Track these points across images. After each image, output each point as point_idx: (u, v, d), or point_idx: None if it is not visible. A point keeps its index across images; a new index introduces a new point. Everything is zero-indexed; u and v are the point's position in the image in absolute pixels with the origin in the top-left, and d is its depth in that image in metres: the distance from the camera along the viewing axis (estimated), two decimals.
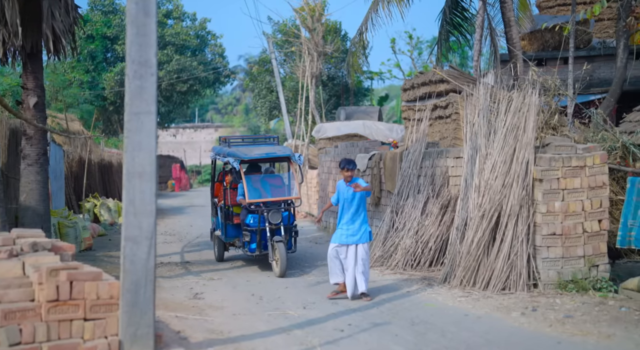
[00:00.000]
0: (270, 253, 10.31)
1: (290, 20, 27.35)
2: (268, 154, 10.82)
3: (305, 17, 20.99)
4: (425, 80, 15.74)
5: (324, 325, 7.24)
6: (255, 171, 11.30)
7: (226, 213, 11.38)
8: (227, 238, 11.36)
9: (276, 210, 10.44)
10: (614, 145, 10.51)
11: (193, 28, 24.42)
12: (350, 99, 30.23)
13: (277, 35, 27.83)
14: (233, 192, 11.48)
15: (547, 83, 10.42)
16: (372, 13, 15.37)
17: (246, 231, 10.60)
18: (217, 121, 60.66)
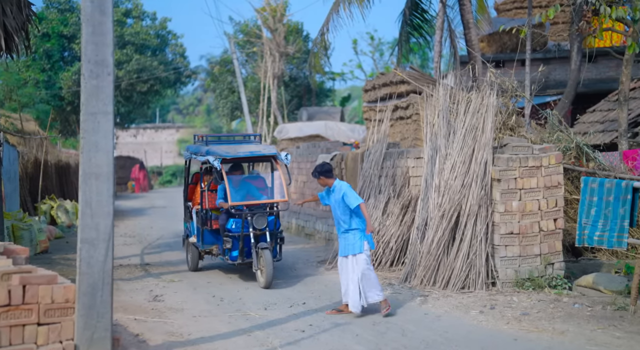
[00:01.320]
0: (254, 261, 9.42)
1: (252, 20, 27.26)
2: (252, 152, 9.91)
3: (266, 17, 20.95)
4: (386, 81, 15.86)
5: (285, 326, 7.23)
6: (236, 171, 10.27)
7: (203, 218, 10.31)
8: (204, 245, 10.31)
9: (261, 215, 9.52)
10: (568, 146, 10.76)
11: (153, 27, 24.13)
12: (313, 100, 30.27)
13: (239, 35, 27.69)
14: (212, 195, 10.41)
15: (504, 84, 10.60)
16: (333, 14, 15.43)
17: (227, 237, 9.63)
18: (179, 122, 60.03)
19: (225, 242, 9.69)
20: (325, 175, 7.77)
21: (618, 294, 7.98)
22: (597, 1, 10.21)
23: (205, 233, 10.30)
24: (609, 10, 9.94)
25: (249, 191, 9.98)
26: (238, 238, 9.59)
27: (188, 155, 11.01)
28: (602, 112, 15.56)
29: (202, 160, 10.18)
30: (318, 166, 7.83)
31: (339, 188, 7.71)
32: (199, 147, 10.45)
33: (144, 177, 34.95)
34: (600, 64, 17.08)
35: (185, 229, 11.33)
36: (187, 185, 11.37)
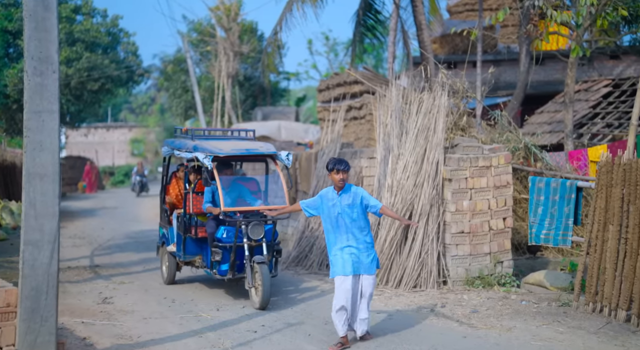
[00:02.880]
0: (248, 277, 8.06)
1: (206, 19, 27.01)
2: (249, 150, 8.59)
3: (220, 16, 20.77)
4: (340, 82, 15.91)
5: (237, 327, 7.18)
6: (226, 171, 8.90)
7: (186, 224, 8.88)
8: (186, 255, 8.93)
9: (258, 223, 8.18)
10: (517, 146, 10.99)
11: (104, 25, 23.63)
12: (267, 100, 30.16)
13: (192, 34, 27.39)
14: (197, 198, 9.06)
15: (456, 85, 10.76)
16: (286, 13, 15.40)
17: (217, 248, 8.34)
18: (131, 121, 59.02)
19: (213, 253, 8.33)
20: (346, 167, 6.43)
21: (563, 290, 8.19)
22: (543, 5, 10.46)
23: (187, 241, 8.92)
24: (555, 15, 10.19)
25: (240, 194, 8.73)
26: (229, 249, 8.31)
27: (168, 151, 9.63)
28: (549, 113, 15.97)
29: (188, 158, 8.87)
30: (333, 159, 6.46)
31: (354, 191, 6.46)
32: (183, 142, 9.16)
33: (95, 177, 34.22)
34: (548, 66, 17.52)
35: (161, 235, 9.97)
36: (164, 185, 10.07)
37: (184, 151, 8.91)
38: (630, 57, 16.60)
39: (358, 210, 6.44)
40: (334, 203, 6.45)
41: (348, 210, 6.42)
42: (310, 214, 6.70)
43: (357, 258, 6.42)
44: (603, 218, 7.23)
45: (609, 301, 7.05)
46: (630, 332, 6.55)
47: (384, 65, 35.47)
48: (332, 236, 6.50)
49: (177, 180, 9.90)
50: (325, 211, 6.50)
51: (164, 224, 9.95)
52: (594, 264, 7.28)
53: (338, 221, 6.44)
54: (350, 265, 6.37)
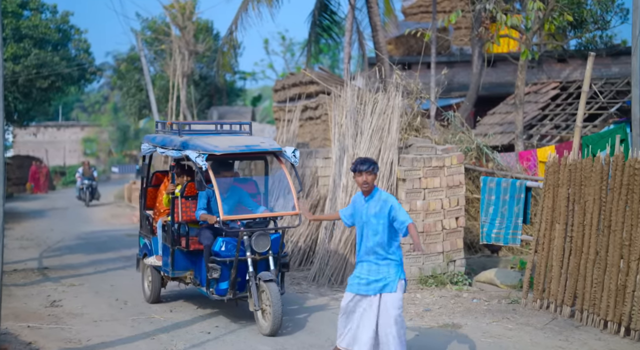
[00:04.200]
0: (254, 298, 6.91)
1: (160, 17, 26.67)
2: (249, 147, 7.33)
3: (175, 15, 20.54)
4: (295, 82, 15.91)
5: (190, 328, 7.11)
6: (226, 172, 7.61)
7: (176, 234, 7.62)
8: (176, 270, 7.69)
9: (263, 234, 7.04)
10: (470, 147, 11.19)
11: (54, 21, 23.03)
12: (223, 99, 29.95)
13: (147, 32, 26.99)
14: (187, 203, 7.80)
15: (410, 86, 10.89)
16: (242, 12, 15.32)
17: (214, 263, 7.15)
18: (84, 120, 57.78)
19: (210, 269, 7.13)
20: (371, 168, 5.52)
21: (512, 288, 8.38)
22: (494, 9, 10.68)
23: (177, 255, 7.64)
24: (505, 18, 10.42)
25: (240, 199, 7.56)
26: (229, 265, 7.13)
27: (149, 149, 8.31)
28: (501, 115, 16.31)
29: (176, 157, 7.56)
30: (358, 159, 5.59)
31: (383, 199, 5.50)
32: (168, 138, 7.86)
33: (45, 177, 33.37)
34: (499, 68, 17.89)
35: (142, 246, 8.66)
36: (145, 188, 8.78)
37: (170, 149, 7.62)
38: (576, 61, 17.09)
39: (384, 222, 5.44)
40: (362, 210, 5.58)
41: (373, 221, 5.46)
42: (347, 224, 5.79)
43: (374, 276, 5.44)
44: (550, 217, 7.42)
45: (555, 298, 7.24)
46: (574, 327, 6.75)
47: (340, 66, 35.65)
48: (361, 244, 5.58)
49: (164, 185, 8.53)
50: (356, 219, 5.65)
51: (145, 233, 8.62)
52: (541, 262, 7.47)
53: (363, 231, 5.53)
54: (357, 284, 5.48)
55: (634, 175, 6.44)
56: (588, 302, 6.81)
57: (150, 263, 8.19)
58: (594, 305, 6.74)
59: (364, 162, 5.53)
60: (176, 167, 7.94)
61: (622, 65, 16.86)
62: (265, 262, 7.18)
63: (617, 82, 15.31)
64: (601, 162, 6.81)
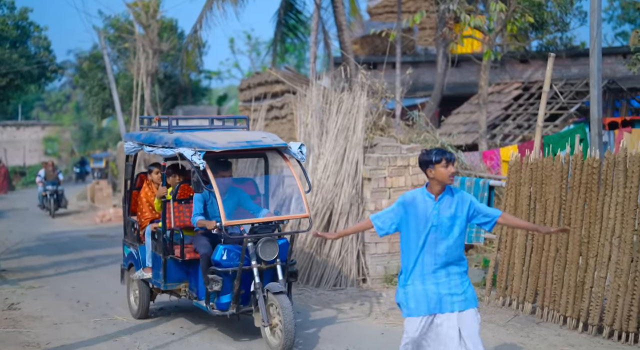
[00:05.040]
0: (262, 312, 6.21)
1: (123, 15, 26.29)
2: (251, 142, 6.58)
3: (139, 13, 20.25)
4: (261, 81, 15.85)
5: (154, 330, 7.03)
6: (225, 172, 6.82)
7: (167, 242, 6.89)
8: (168, 283, 6.97)
9: (270, 240, 6.33)
10: (434, 146, 11.31)
11: (12, 17, 22.49)
12: (189, 99, 29.67)
13: (109, 30, 26.56)
14: (180, 207, 7.07)
15: (375, 86, 10.95)
16: (206, 11, 15.19)
17: (215, 274, 6.36)
18: (45, 119, 56.61)
19: (210, 281, 6.36)
20: (452, 158, 4.61)
21: (476, 286, 8.47)
22: (457, 9, 10.81)
23: (169, 265, 6.92)
24: (468, 19, 10.55)
25: (239, 201, 6.84)
26: (232, 275, 6.38)
27: (134, 148, 7.44)
28: (465, 114, 16.51)
29: (168, 155, 6.71)
30: (436, 150, 4.61)
31: (460, 197, 4.62)
32: (157, 135, 7.03)
33: (3, 177, 32.58)
34: (464, 68, 18.11)
35: (127, 256, 7.85)
36: (129, 191, 7.94)
37: (160, 147, 6.83)
38: (538, 62, 17.39)
39: (461, 224, 4.57)
40: (428, 212, 4.55)
41: (447, 223, 4.54)
42: (385, 233, 4.73)
43: (446, 290, 4.53)
44: (512, 215, 7.53)
45: (517, 295, 7.36)
46: (535, 324, 6.87)
47: (306, 65, 35.63)
48: (410, 258, 4.59)
49: (148, 185, 7.71)
50: (411, 224, 4.60)
51: (130, 241, 7.80)
52: (504, 260, 7.58)
53: (428, 238, 4.54)
54: (426, 302, 4.51)
55: (592, 174, 6.58)
56: (548, 299, 6.94)
57: (138, 277, 7.33)
58: (554, 302, 6.87)
59: (445, 151, 4.59)
60: (167, 168, 7.18)
61: (581, 66, 17.21)
62: (271, 272, 6.45)
63: (576, 83, 15.64)
64: (561, 161, 6.94)
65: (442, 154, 4.56)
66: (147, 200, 7.55)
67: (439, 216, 4.55)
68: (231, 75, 44.78)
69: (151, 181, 7.68)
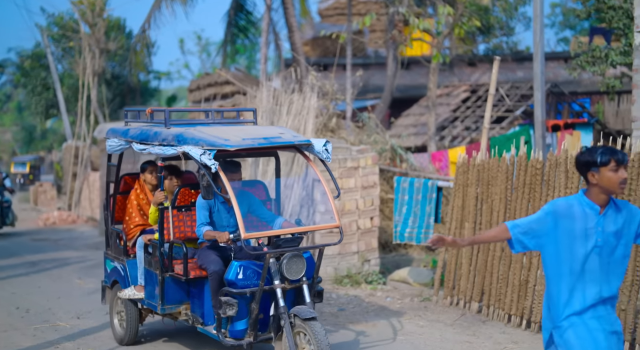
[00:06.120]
0: (289, 343, 5.21)
1: (68, 13, 25.61)
2: (268, 139, 5.62)
3: (84, 11, 19.75)
4: (211, 82, 15.71)
5: (99, 335, 6.85)
6: (235, 174, 5.73)
7: (166, 257, 5.92)
8: (166, 305, 5.98)
9: (296, 255, 5.39)
10: (384, 148, 11.39)
11: None
12: (137, 99, 29.14)
13: (53, 28, 25.86)
14: (179, 216, 6.12)
15: (325, 87, 10.97)
16: (155, 10, 14.97)
17: (229, 296, 5.38)
18: None
19: (223, 305, 5.35)
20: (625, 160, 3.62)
21: (425, 286, 8.58)
22: (406, 12, 10.93)
23: (168, 284, 5.95)
24: (417, 22, 10.68)
25: (250, 208, 5.90)
26: (249, 298, 5.42)
27: (120, 146, 6.36)
28: (414, 116, 16.72)
29: (167, 155, 5.67)
30: (609, 147, 3.64)
31: (629, 209, 3.69)
32: (152, 131, 5.98)
33: None
34: (413, 71, 18.34)
35: (111, 271, 6.78)
36: (113, 196, 6.87)
37: (157, 145, 5.78)
38: (485, 65, 17.77)
39: (627, 244, 3.67)
40: (588, 227, 3.62)
41: (613, 242, 3.63)
42: (522, 249, 3.76)
43: (609, 327, 3.62)
44: (460, 216, 7.65)
45: (464, 294, 7.47)
46: (481, 322, 6.99)
47: (256, 66, 35.47)
48: (561, 287, 3.65)
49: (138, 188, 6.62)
50: (562, 242, 3.64)
51: (115, 254, 6.73)
52: (451, 260, 7.68)
53: (588, 261, 3.62)
54: (594, 346, 3.55)
55: (535, 175, 6.73)
56: (494, 298, 7.07)
57: (127, 296, 6.30)
58: (500, 301, 6.99)
59: (614, 150, 3.62)
60: (163, 169, 6.09)
61: (526, 70, 17.67)
62: (294, 292, 5.52)
63: (521, 86, 16.03)
64: (506, 163, 7.08)
65: (610, 153, 3.59)
66: (139, 203, 6.54)
67: (603, 233, 3.60)
68: (181, 76, 44.24)
69: (144, 182, 6.60)
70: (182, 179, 6.51)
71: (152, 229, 6.36)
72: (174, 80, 50.71)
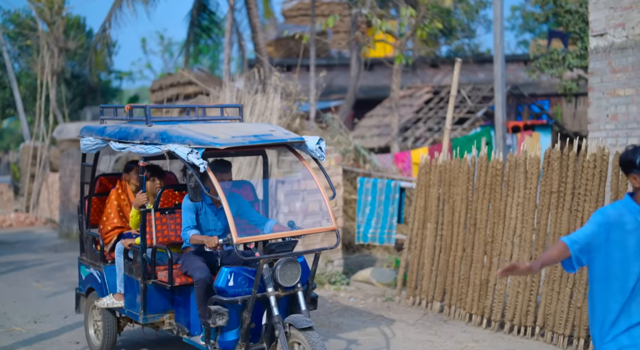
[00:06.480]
0: None
1: (25, 10, 25.04)
2: (259, 136, 5.26)
3: (42, 8, 19.32)
4: (173, 82, 15.55)
5: (56, 339, 6.71)
6: (224, 174, 5.42)
7: (148, 263, 5.58)
8: (148, 314, 5.63)
9: (291, 261, 5.06)
10: (348, 149, 11.43)
11: None
12: (98, 99, 28.66)
13: (9, 26, 25.26)
14: (162, 219, 5.78)
15: (289, 88, 10.95)
16: (116, 9, 14.74)
17: (219, 305, 5.06)
18: None
19: (212, 314, 5.03)
20: None
21: (388, 286, 8.63)
22: (369, 14, 10.99)
23: (150, 292, 5.61)
24: (380, 23, 10.75)
25: (239, 210, 5.56)
26: (240, 306, 5.12)
27: (96, 145, 6.01)
28: (378, 117, 16.82)
29: (150, 154, 5.32)
30: None
31: None
32: (131, 129, 5.62)
33: None
34: (377, 72, 18.45)
35: (86, 278, 6.44)
36: (87, 197, 6.47)
37: (139, 143, 5.42)
38: (447, 67, 17.98)
39: None
40: None
41: None
42: (579, 266, 3.39)
43: None
44: (422, 216, 7.71)
45: (426, 294, 7.53)
46: (443, 322, 7.06)
47: (220, 67, 35.24)
48: (610, 305, 3.34)
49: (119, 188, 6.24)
50: (614, 256, 3.32)
51: (90, 259, 6.37)
52: (414, 260, 7.74)
53: (619, 284, 3.30)
54: None
55: (496, 176, 6.83)
56: (455, 297, 7.14)
57: (106, 305, 5.94)
58: (461, 300, 7.07)
59: None
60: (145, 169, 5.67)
61: (487, 72, 17.94)
62: (287, 300, 5.24)
63: (483, 88, 16.26)
64: (467, 163, 7.16)
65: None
66: (119, 204, 6.14)
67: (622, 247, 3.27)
68: (143, 76, 43.71)
69: (127, 183, 6.19)
70: (165, 180, 6.19)
71: (131, 233, 6.02)
72: (136, 80, 50.01)
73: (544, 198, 6.34)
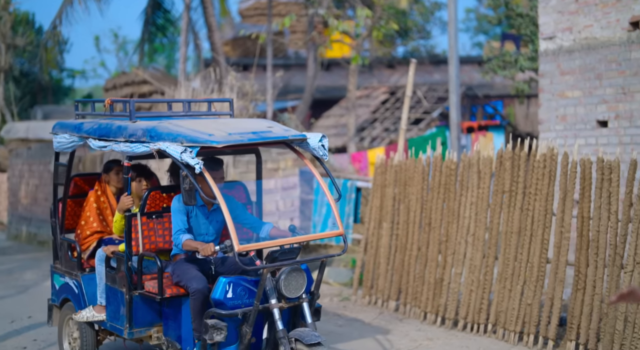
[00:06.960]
0: None
1: None
2: (258, 133, 4.79)
3: None
4: (128, 81, 15.30)
5: (2, 345, 6.49)
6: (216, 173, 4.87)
7: (133, 272, 5.03)
8: (135, 329, 5.05)
9: (296, 270, 4.61)
10: None
11: None
12: (49, 98, 27.98)
13: None
14: (151, 224, 5.25)
15: (245, 88, 10.89)
16: (67, 6, 14.39)
17: (217, 319, 4.55)
18: None
19: (209, 329, 4.50)
20: None
21: (344, 286, 8.65)
22: (325, 14, 11.01)
23: (136, 304, 5.04)
24: (336, 23, 10.78)
25: (233, 212, 4.89)
26: (240, 320, 4.63)
27: (72, 143, 5.49)
28: (335, 117, 16.87)
29: (138, 153, 4.83)
30: None
31: None
32: (114, 126, 5.09)
33: None
34: (334, 72, 18.51)
35: (60, 288, 5.86)
36: (61, 200, 5.90)
37: (123, 141, 4.91)
38: (404, 67, 18.15)
39: None
40: None
41: None
42: None
43: None
44: (378, 216, 7.75)
45: (382, 293, 7.58)
46: (398, 320, 7.11)
47: (176, 66, 34.83)
48: None
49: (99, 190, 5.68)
50: None
51: (65, 268, 5.81)
52: (370, 260, 7.77)
53: None
54: None
55: (450, 175, 6.91)
56: (411, 296, 7.21)
57: (85, 319, 5.37)
58: (416, 299, 7.14)
59: None
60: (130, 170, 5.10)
61: (443, 73, 18.18)
62: (289, 311, 4.78)
63: (438, 89, 16.47)
64: (422, 163, 7.23)
65: None
66: (99, 207, 5.60)
67: None
68: (97, 74, 42.91)
69: (106, 184, 5.68)
70: (152, 181, 5.69)
71: (112, 238, 5.51)
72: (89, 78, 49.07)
73: (497, 197, 6.45)
